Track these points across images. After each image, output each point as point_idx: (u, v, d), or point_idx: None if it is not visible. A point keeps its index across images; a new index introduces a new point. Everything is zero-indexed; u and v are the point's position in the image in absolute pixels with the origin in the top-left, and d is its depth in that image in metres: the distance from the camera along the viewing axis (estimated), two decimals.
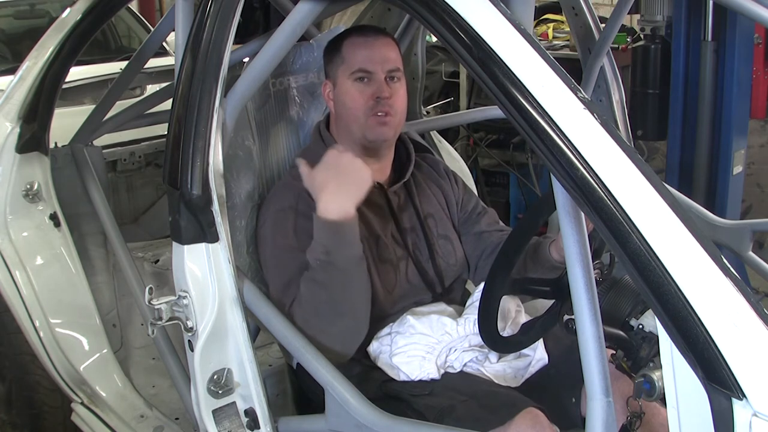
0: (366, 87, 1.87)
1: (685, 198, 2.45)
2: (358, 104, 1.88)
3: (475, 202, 2.14)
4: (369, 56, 1.88)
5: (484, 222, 2.08)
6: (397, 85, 1.90)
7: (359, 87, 1.88)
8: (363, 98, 1.87)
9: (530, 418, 1.58)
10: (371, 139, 1.90)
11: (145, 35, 5.28)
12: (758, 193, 4.50)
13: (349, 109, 1.89)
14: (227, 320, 1.66)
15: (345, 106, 1.90)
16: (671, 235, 1.07)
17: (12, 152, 2.40)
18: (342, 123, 1.94)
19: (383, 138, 1.91)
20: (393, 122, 1.90)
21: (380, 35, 1.95)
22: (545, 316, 1.68)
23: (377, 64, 1.88)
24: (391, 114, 1.88)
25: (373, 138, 1.90)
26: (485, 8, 1.23)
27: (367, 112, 1.87)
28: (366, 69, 1.87)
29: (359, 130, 1.90)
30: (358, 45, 1.90)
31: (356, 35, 1.93)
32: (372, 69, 1.87)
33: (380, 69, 1.88)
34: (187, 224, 1.63)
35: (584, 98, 1.15)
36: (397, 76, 1.90)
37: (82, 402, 2.49)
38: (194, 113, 1.62)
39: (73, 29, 2.36)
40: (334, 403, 1.57)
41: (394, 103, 1.88)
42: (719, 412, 1.04)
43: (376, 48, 1.90)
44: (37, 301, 2.41)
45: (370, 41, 1.91)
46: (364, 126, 1.88)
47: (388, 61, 1.89)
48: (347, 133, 1.93)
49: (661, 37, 3.65)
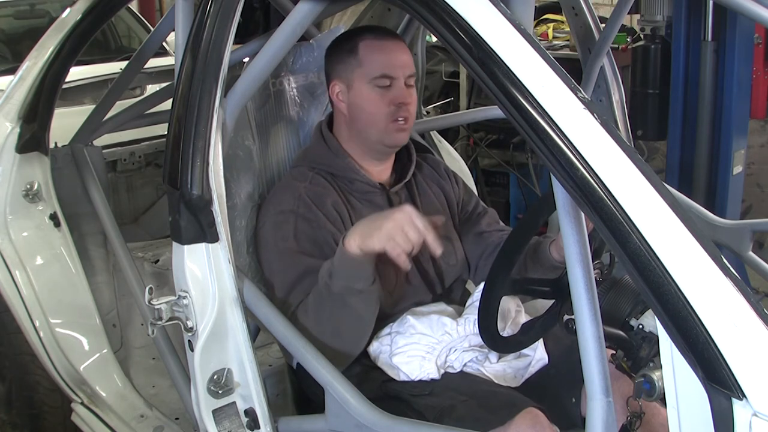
0: (387, 92, 1.86)
1: (685, 198, 2.46)
2: (379, 109, 1.86)
3: (475, 202, 2.14)
4: (390, 61, 1.86)
5: (485, 222, 2.08)
6: (412, 90, 1.90)
7: (380, 92, 1.86)
8: (384, 103, 1.86)
9: (530, 418, 1.58)
10: (389, 145, 1.90)
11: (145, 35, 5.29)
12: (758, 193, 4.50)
13: (369, 114, 1.87)
14: (227, 320, 1.66)
15: (363, 110, 1.88)
16: (671, 235, 1.07)
17: (12, 152, 2.40)
18: (356, 127, 1.91)
19: (400, 143, 1.92)
20: (409, 128, 1.91)
21: (396, 38, 1.95)
22: (545, 316, 1.68)
23: (398, 70, 1.86)
24: (408, 120, 1.88)
25: (391, 143, 1.90)
26: (485, 8, 1.23)
27: (387, 117, 1.86)
28: (389, 75, 1.86)
29: (376, 135, 1.89)
30: (377, 48, 1.88)
31: (372, 38, 1.90)
32: (395, 75, 1.86)
33: (401, 75, 1.87)
34: (187, 224, 1.63)
35: (584, 98, 1.15)
36: (412, 82, 1.90)
37: (82, 402, 2.49)
38: (194, 113, 1.62)
39: (73, 29, 2.35)
40: (334, 403, 1.57)
41: (411, 108, 1.89)
42: (719, 412, 1.04)
43: (395, 53, 1.88)
44: (37, 301, 2.41)
45: (388, 45, 1.89)
46: (383, 131, 1.88)
47: (407, 67, 1.88)
48: (361, 137, 1.91)
49: (661, 37, 3.65)
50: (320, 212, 1.83)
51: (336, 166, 1.93)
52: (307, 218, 1.81)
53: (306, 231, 1.80)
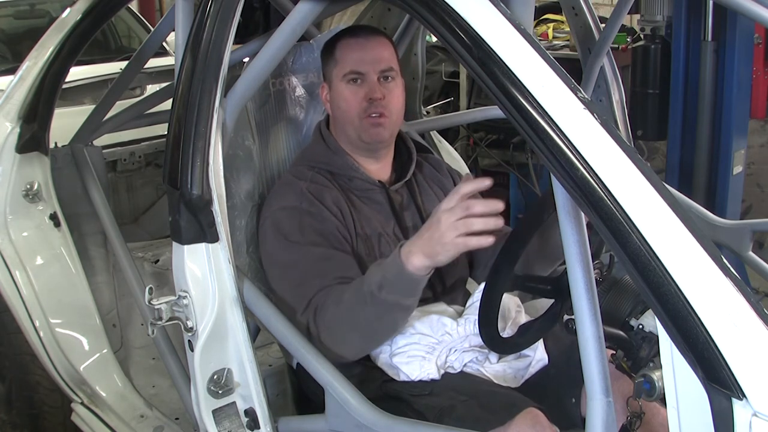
0: (359, 88, 1.87)
1: (685, 198, 2.46)
2: (351, 106, 1.88)
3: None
4: (361, 57, 1.88)
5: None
6: (391, 84, 1.90)
7: (352, 89, 1.88)
8: (356, 100, 1.87)
9: (530, 418, 1.58)
10: (367, 141, 1.91)
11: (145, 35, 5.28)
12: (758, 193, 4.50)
13: (344, 111, 1.90)
14: (227, 320, 1.66)
15: (339, 108, 1.91)
16: (671, 235, 1.07)
17: (12, 152, 2.40)
18: (338, 125, 1.94)
19: (378, 139, 1.91)
20: (388, 123, 1.90)
21: (373, 35, 1.95)
22: (545, 316, 1.68)
23: (368, 65, 1.87)
24: (385, 115, 1.88)
25: (369, 139, 1.90)
26: (485, 8, 1.23)
27: (360, 113, 1.87)
28: (357, 70, 1.87)
29: (354, 132, 1.90)
30: (351, 46, 1.90)
31: (349, 36, 1.93)
32: (363, 70, 1.87)
33: (372, 70, 1.87)
34: (187, 224, 1.63)
35: (584, 98, 1.15)
36: (391, 76, 1.90)
37: (82, 402, 2.49)
38: (194, 113, 1.62)
39: (73, 29, 2.36)
40: (334, 403, 1.57)
41: (389, 103, 1.88)
42: (719, 412, 1.04)
43: (368, 48, 1.89)
44: (37, 301, 2.41)
45: (362, 42, 1.90)
46: (358, 128, 1.89)
47: (380, 61, 1.88)
48: (344, 135, 1.94)
49: (661, 37, 3.65)
50: (323, 206, 1.83)
51: (335, 164, 1.93)
52: (311, 213, 1.81)
53: (312, 224, 1.80)
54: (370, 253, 1.85)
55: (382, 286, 1.61)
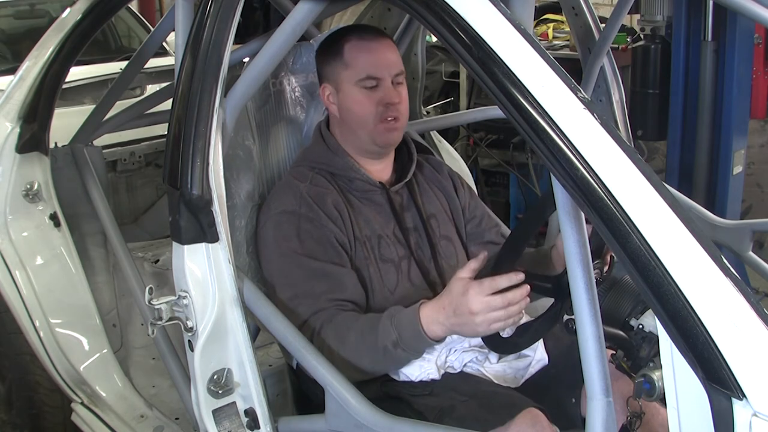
0: (374, 93, 1.86)
1: (685, 198, 2.46)
2: (367, 110, 1.86)
3: (482, 209, 2.13)
4: (375, 62, 1.86)
5: (494, 231, 2.09)
6: (401, 88, 1.90)
7: (367, 93, 1.86)
8: (372, 104, 1.86)
9: (530, 418, 1.58)
10: (381, 144, 1.91)
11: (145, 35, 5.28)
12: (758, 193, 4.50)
13: (357, 115, 1.88)
14: (227, 320, 1.66)
15: (352, 112, 1.89)
16: (671, 235, 1.07)
17: (12, 152, 2.40)
18: (347, 128, 1.92)
19: (392, 142, 1.92)
20: (401, 126, 1.90)
21: (381, 37, 1.94)
22: (545, 316, 1.68)
23: (384, 70, 1.86)
24: (399, 119, 1.88)
25: (383, 143, 1.90)
26: (485, 8, 1.23)
27: (376, 118, 1.86)
28: (375, 75, 1.86)
29: (368, 136, 1.89)
30: (362, 49, 1.88)
31: (357, 38, 1.90)
32: (380, 75, 1.86)
33: (387, 74, 1.86)
34: (187, 224, 1.63)
35: (584, 98, 1.15)
36: (401, 80, 1.90)
37: (82, 402, 2.49)
38: (194, 113, 1.62)
39: (73, 29, 2.36)
40: (334, 403, 1.57)
41: (401, 107, 1.89)
42: (719, 412, 1.04)
43: (380, 52, 1.88)
44: (37, 301, 2.41)
45: (373, 45, 1.89)
46: (372, 132, 1.88)
47: (393, 66, 1.88)
48: (353, 138, 1.92)
49: (661, 37, 3.65)
50: (322, 212, 1.83)
51: (335, 165, 1.93)
52: (309, 218, 1.81)
53: (309, 230, 1.80)
54: (369, 256, 1.85)
55: (397, 344, 1.64)
